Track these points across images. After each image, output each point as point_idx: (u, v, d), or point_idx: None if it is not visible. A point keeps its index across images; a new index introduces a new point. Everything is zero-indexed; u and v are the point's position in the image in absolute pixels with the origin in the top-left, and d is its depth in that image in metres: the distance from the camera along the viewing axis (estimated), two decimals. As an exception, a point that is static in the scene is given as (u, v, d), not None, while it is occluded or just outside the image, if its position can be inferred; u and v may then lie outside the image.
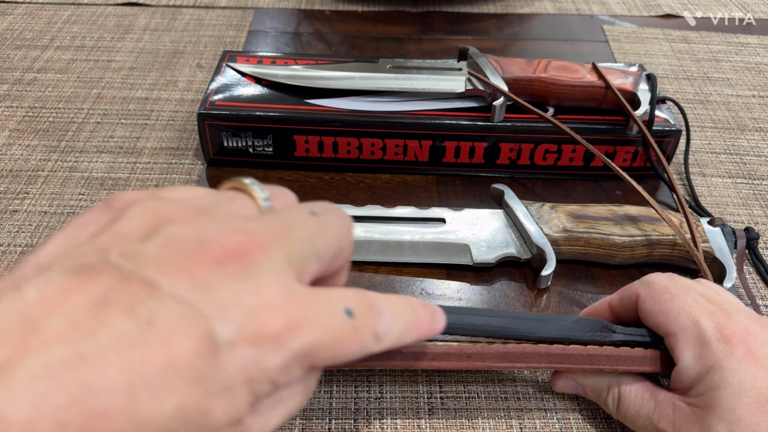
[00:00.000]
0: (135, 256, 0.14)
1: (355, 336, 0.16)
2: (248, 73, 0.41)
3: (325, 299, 0.16)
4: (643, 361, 0.25)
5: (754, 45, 0.57)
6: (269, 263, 0.15)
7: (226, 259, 0.15)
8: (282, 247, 0.16)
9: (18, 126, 0.44)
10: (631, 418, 0.26)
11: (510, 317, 0.25)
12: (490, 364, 0.25)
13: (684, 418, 0.23)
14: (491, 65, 0.40)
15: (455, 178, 0.41)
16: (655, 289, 0.25)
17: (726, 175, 0.42)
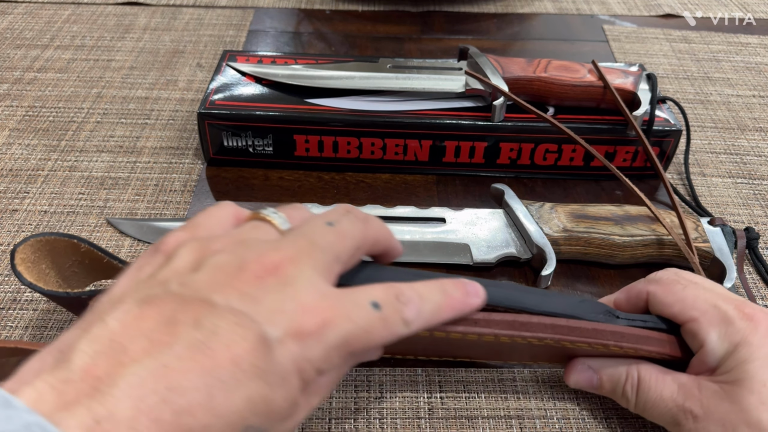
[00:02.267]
0: (190, 282, 0.18)
1: (384, 324, 0.20)
2: (248, 73, 0.41)
3: (354, 297, 0.19)
4: (649, 341, 0.25)
5: (754, 45, 0.57)
6: (300, 273, 0.19)
7: (265, 274, 0.18)
8: (308, 258, 0.19)
9: (18, 125, 0.44)
10: (653, 402, 0.25)
11: (515, 289, 0.25)
12: (497, 330, 0.24)
13: (711, 395, 0.23)
14: (491, 65, 0.40)
15: (455, 178, 0.41)
16: (666, 282, 0.26)
17: (726, 175, 0.42)
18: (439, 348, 0.27)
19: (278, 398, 0.17)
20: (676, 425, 0.24)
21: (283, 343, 0.17)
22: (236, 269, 0.18)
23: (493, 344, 0.26)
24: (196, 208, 0.38)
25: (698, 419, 0.23)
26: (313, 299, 0.18)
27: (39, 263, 0.27)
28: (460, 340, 0.25)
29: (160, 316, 0.17)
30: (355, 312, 0.19)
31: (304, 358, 0.18)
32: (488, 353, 0.28)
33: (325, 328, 0.18)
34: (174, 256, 0.19)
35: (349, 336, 0.19)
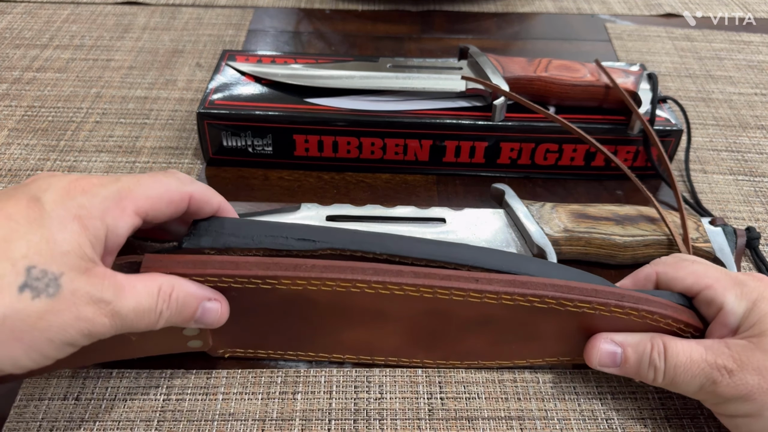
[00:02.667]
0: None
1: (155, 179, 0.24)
2: (248, 72, 0.41)
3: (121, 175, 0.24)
4: (650, 302, 0.25)
5: (756, 43, 0.57)
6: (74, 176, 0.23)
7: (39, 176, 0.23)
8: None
9: (17, 125, 0.44)
10: (684, 366, 0.25)
11: (518, 258, 0.26)
12: (498, 288, 0.25)
13: (742, 348, 0.24)
14: (492, 64, 0.39)
15: (455, 178, 0.41)
16: (672, 262, 0.27)
17: (727, 172, 0.42)
18: (438, 339, 0.27)
19: (60, 239, 0.20)
20: (712, 384, 0.24)
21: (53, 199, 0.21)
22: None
23: (496, 329, 0.26)
24: (196, 208, 0.38)
25: (733, 373, 0.24)
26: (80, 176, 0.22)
27: None
28: (458, 314, 0.25)
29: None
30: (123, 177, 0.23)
31: (78, 206, 0.21)
32: (491, 343, 0.28)
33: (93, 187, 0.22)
34: None
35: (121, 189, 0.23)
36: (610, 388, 0.29)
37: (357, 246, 0.25)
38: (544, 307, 0.25)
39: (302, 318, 0.26)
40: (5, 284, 0.19)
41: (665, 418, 0.28)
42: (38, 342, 0.20)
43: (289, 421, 0.27)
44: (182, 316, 0.24)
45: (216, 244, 0.25)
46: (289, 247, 0.25)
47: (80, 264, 0.20)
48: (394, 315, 0.26)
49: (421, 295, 0.25)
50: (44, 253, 0.20)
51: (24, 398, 0.27)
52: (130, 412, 0.27)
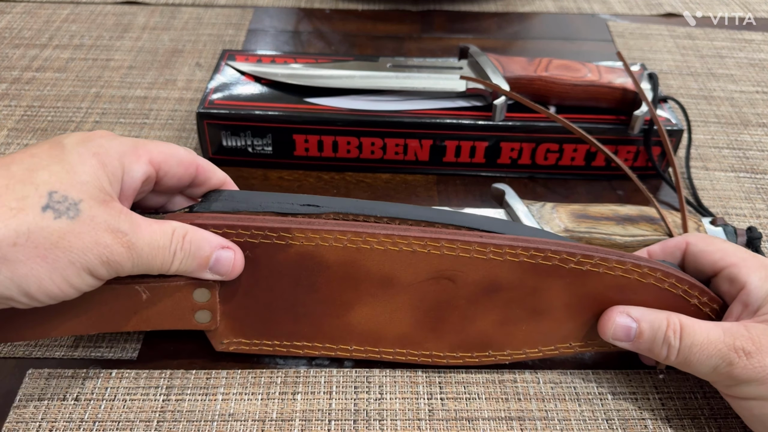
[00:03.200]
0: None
1: (165, 143, 0.26)
2: (247, 72, 0.41)
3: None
4: (649, 262, 0.26)
5: (758, 41, 0.57)
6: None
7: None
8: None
9: (16, 125, 0.44)
10: (700, 346, 0.24)
11: (518, 227, 0.27)
12: (502, 242, 0.26)
13: (761, 331, 0.24)
14: (492, 64, 0.39)
15: (456, 178, 0.41)
16: (704, 236, 0.28)
17: (729, 170, 0.42)
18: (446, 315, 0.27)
19: (80, 171, 0.22)
20: (728, 365, 0.24)
21: (73, 141, 0.23)
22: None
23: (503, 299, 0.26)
24: (195, 208, 0.38)
25: (751, 355, 0.24)
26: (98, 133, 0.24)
27: None
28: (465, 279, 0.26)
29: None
30: (137, 138, 0.25)
31: (97, 145, 0.23)
32: (500, 323, 0.27)
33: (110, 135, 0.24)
34: None
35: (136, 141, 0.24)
36: (611, 389, 0.29)
37: (359, 210, 0.26)
38: (548, 265, 0.25)
39: (312, 289, 0.27)
40: (29, 204, 0.20)
41: (666, 418, 0.28)
42: (61, 263, 0.21)
43: (289, 422, 0.27)
44: (196, 261, 0.24)
45: (226, 208, 0.26)
46: (295, 211, 0.26)
47: (98, 195, 0.22)
48: (402, 281, 0.27)
49: (429, 251, 0.26)
50: (65, 181, 0.21)
51: (23, 399, 0.27)
52: (129, 412, 0.27)
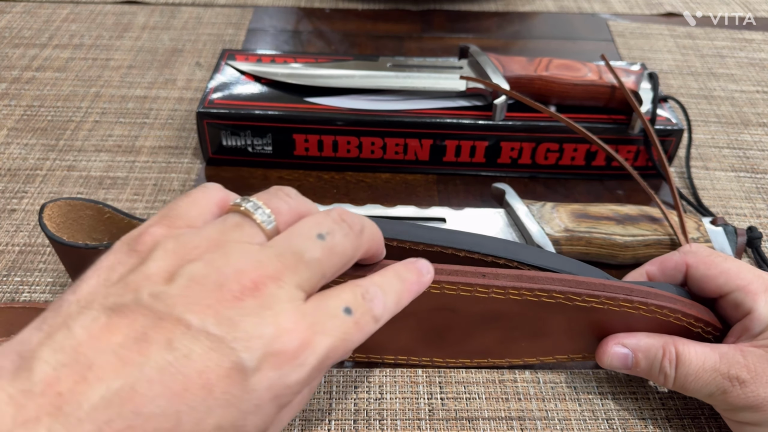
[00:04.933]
0: (164, 296, 0.17)
1: (358, 327, 0.19)
2: (247, 72, 0.41)
3: (327, 307, 0.19)
4: (659, 297, 0.25)
5: (758, 41, 0.56)
6: (281, 293, 0.18)
7: (243, 295, 0.17)
8: (292, 276, 0.18)
9: (16, 125, 0.43)
10: (695, 375, 0.24)
11: (525, 248, 0.26)
12: (505, 283, 0.25)
13: (758, 359, 0.23)
14: (492, 64, 0.39)
15: (456, 178, 0.41)
16: (705, 255, 0.27)
17: (729, 169, 0.42)
18: (447, 336, 0.27)
19: (250, 425, 0.17)
20: (722, 393, 0.24)
21: (259, 371, 0.16)
22: (214, 286, 0.17)
23: (505, 326, 0.26)
24: (195, 208, 0.38)
25: (746, 384, 0.23)
26: (291, 321, 0.17)
27: (62, 232, 0.27)
28: (466, 311, 0.25)
29: (131, 330, 0.16)
30: (330, 324, 0.18)
31: (283, 384, 0.17)
32: (501, 341, 0.27)
33: (304, 350, 0.17)
34: (148, 259, 0.18)
35: (329, 350, 0.18)
36: (611, 388, 0.29)
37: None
38: (552, 302, 0.25)
39: None
40: None
41: (666, 418, 0.28)
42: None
43: (289, 422, 0.27)
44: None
45: None
46: None
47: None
48: (402, 311, 0.26)
49: (429, 290, 0.25)
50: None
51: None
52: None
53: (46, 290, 0.32)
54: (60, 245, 0.26)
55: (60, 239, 0.26)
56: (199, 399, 0.16)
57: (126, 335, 0.16)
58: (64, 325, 0.16)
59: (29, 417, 0.14)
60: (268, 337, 0.17)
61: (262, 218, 0.19)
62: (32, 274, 0.33)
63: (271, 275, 0.18)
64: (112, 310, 0.16)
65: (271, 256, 0.18)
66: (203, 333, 0.16)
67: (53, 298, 0.32)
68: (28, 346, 0.16)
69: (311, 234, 0.19)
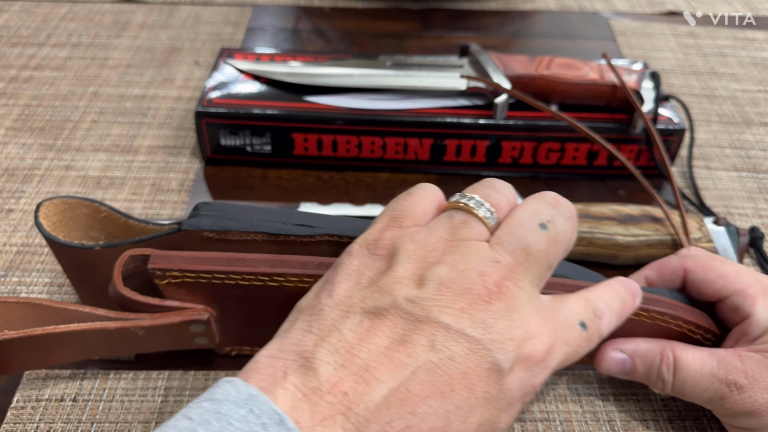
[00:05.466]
0: (419, 300, 0.18)
1: (588, 343, 0.21)
2: (246, 71, 0.41)
3: (564, 317, 0.20)
4: (658, 303, 0.25)
5: (760, 40, 0.56)
6: (522, 294, 0.19)
7: (490, 297, 0.18)
8: (526, 273, 0.19)
9: (14, 124, 0.43)
10: (693, 381, 0.24)
11: None
12: None
13: (755, 364, 0.23)
14: (493, 62, 0.39)
15: (456, 177, 0.41)
16: (703, 258, 0.26)
17: (731, 169, 0.42)
18: None
19: (503, 422, 0.18)
20: (720, 399, 0.24)
21: (512, 371, 0.18)
22: (462, 289, 0.18)
23: None
24: (194, 207, 0.37)
25: (744, 389, 0.23)
26: (537, 325, 0.19)
27: (58, 230, 0.27)
28: None
29: (393, 332, 0.17)
30: (569, 334, 0.20)
31: (530, 384, 0.19)
32: None
33: (549, 354, 0.19)
34: (394, 263, 0.19)
35: (565, 358, 0.20)
36: (612, 390, 0.29)
37: (353, 232, 0.25)
38: None
39: None
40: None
41: (668, 419, 0.28)
42: None
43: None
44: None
45: (215, 226, 0.25)
46: (288, 232, 0.25)
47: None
48: None
49: None
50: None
51: (21, 400, 0.27)
52: (127, 413, 0.27)
53: (44, 290, 0.32)
54: (55, 244, 0.26)
55: (55, 238, 0.26)
56: (463, 398, 0.17)
57: (390, 338, 0.17)
58: (334, 328, 0.17)
59: (324, 415, 0.15)
60: (519, 339, 0.18)
61: (485, 214, 0.20)
62: (30, 274, 0.33)
63: (508, 276, 0.19)
64: (373, 314, 0.18)
65: (504, 254, 0.19)
66: (462, 335, 0.17)
67: (50, 298, 0.32)
68: (305, 347, 0.17)
69: (534, 225, 0.20)
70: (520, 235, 0.20)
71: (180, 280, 0.24)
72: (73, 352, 0.25)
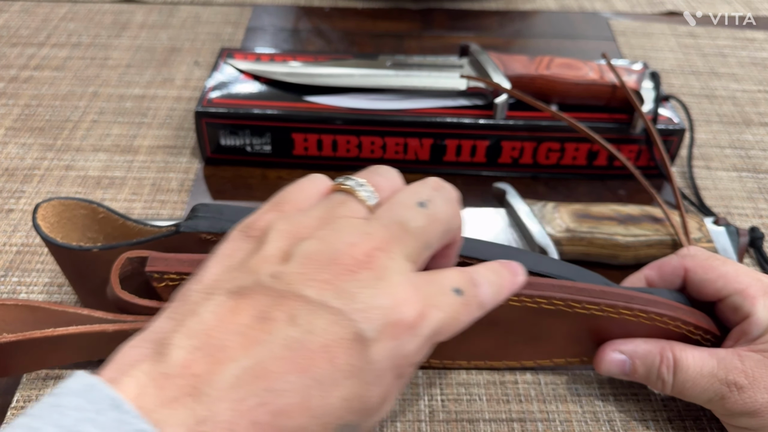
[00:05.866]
0: (282, 275, 0.17)
1: (467, 309, 0.20)
2: (246, 71, 0.41)
3: (437, 284, 0.19)
4: (658, 305, 0.25)
5: (760, 40, 0.56)
6: (392, 264, 0.18)
7: (357, 267, 0.18)
8: (400, 246, 0.19)
9: (14, 124, 0.43)
10: (693, 381, 0.24)
11: (519, 253, 0.26)
12: None
13: (755, 364, 0.23)
14: (493, 62, 0.39)
15: (456, 177, 0.41)
16: (703, 258, 0.26)
17: (731, 169, 0.42)
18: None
19: (373, 395, 0.17)
20: (720, 399, 0.24)
21: (378, 341, 0.17)
22: (328, 260, 0.18)
23: (503, 331, 0.26)
24: (194, 207, 0.37)
25: (744, 389, 0.23)
26: (406, 292, 0.18)
27: (56, 231, 0.27)
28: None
29: (254, 310, 0.17)
30: (443, 300, 0.19)
31: (400, 354, 0.18)
32: (498, 346, 0.27)
33: (420, 321, 0.18)
34: (264, 242, 0.18)
35: (441, 325, 0.19)
36: (612, 390, 0.29)
37: None
38: (551, 309, 0.25)
39: None
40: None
41: (668, 419, 0.28)
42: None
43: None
44: None
45: (213, 228, 0.25)
46: None
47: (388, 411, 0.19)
48: None
49: None
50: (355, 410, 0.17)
51: (21, 399, 0.27)
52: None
53: (44, 290, 0.32)
54: (53, 246, 0.26)
55: (53, 240, 0.26)
56: (325, 372, 0.16)
57: (252, 315, 0.16)
58: (193, 312, 0.17)
59: (170, 397, 0.15)
60: (385, 307, 0.17)
61: (365, 194, 0.20)
62: (29, 274, 0.33)
63: (379, 246, 0.18)
64: (236, 293, 0.17)
65: (378, 227, 0.19)
66: (323, 307, 0.17)
67: (50, 299, 0.32)
68: (161, 333, 0.16)
69: (412, 203, 0.20)
70: (397, 211, 0.19)
71: (177, 282, 0.24)
72: (71, 354, 0.25)
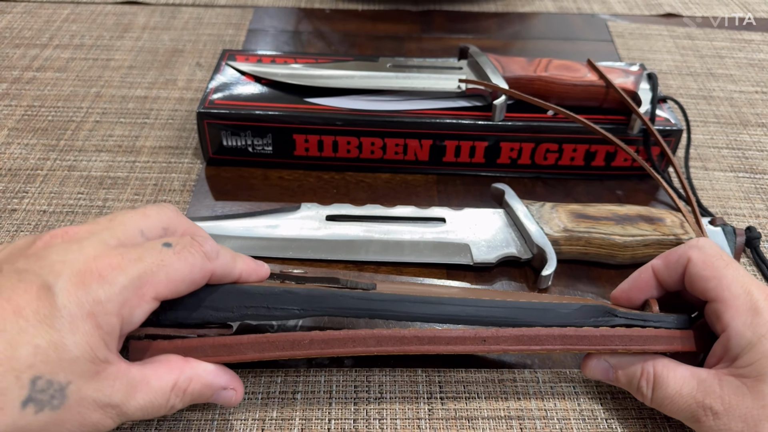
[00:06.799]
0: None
1: (180, 256, 0.21)
2: (248, 72, 0.41)
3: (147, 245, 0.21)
4: (657, 340, 0.25)
5: (757, 42, 0.57)
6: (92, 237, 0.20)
7: (53, 239, 0.20)
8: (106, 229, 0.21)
9: (17, 125, 0.44)
10: (671, 399, 0.24)
11: (513, 307, 0.25)
12: (506, 347, 0.24)
13: (733, 390, 0.23)
14: (492, 64, 0.39)
15: (455, 178, 0.41)
16: (709, 254, 0.25)
17: (728, 169, 0.42)
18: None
19: (70, 344, 0.18)
20: (696, 422, 0.24)
21: (66, 289, 0.19)
22: (30, 242, 0.20)
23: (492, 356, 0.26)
24: (195, 207, 0.38)
25: (719, 416, 0.23)
26: (99, 252, 0.20)
27: None
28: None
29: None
30: (148, 254, 0.21)
31: (93, 300, 0.19)
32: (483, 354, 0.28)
33: (111, 271, 0.19)
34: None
35: (142, 274, 0.20)
36: (610, 388, 0.29)
37: (342, 314, 0.24)
38: (544, 353, 0.26)
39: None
40: (8, 400, 0.18)
41: (665, 417, 0.28)
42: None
43: (289, 421, 0.27)
44: (194, 403, 0.23)
45: (193, 319, 0.23)
46: (273, 320, 0.24)
47: (90, 368, 0.19)
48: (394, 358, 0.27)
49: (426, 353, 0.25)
50: (52, 360, 0.18)
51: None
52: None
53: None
54: None
55: None
56: (9, 322, 0.18)
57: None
58: None
59: None
60: (72, 261, 0.19)
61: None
62: (33, 273, 0.33)
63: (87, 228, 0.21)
64: None
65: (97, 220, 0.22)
66: (12, 271, 0.19)
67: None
68: None
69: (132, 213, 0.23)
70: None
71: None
72: None
